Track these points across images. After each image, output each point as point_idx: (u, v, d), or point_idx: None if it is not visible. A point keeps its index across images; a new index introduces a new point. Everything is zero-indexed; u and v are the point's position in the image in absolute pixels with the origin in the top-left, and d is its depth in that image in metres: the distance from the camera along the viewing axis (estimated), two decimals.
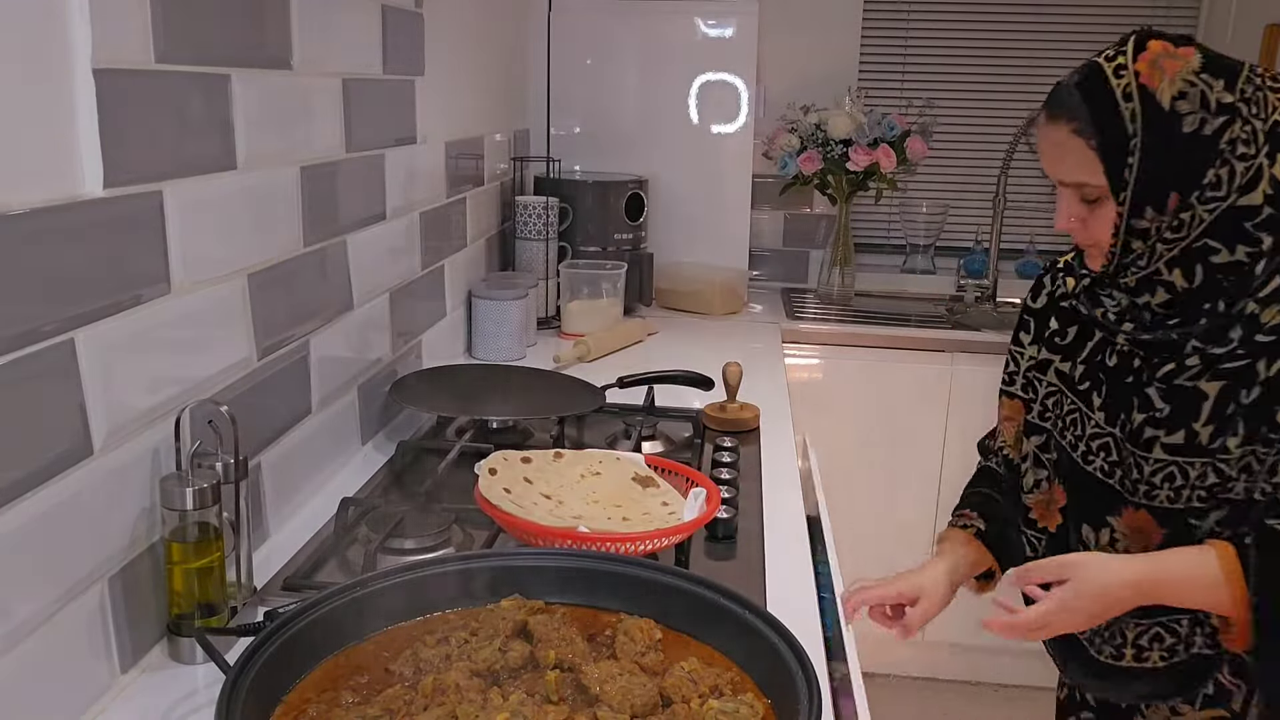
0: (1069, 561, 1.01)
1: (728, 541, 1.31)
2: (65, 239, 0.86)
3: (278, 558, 1.23)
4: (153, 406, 1.00)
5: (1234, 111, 0.99)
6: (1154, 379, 1.05)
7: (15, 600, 0.82)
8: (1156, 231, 1.01)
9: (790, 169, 2.74)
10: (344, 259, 1.46)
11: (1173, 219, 1.01)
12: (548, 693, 0.84)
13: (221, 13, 1.10)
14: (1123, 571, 1.00)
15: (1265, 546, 0.97)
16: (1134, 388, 1.07)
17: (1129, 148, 1.00)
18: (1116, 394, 1.09)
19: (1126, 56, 1.05)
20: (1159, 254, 1.03)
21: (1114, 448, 1.09)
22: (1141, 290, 1.06)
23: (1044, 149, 1.07)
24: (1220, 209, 1.00)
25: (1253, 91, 1.00)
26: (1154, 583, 1.00)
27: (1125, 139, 1.00)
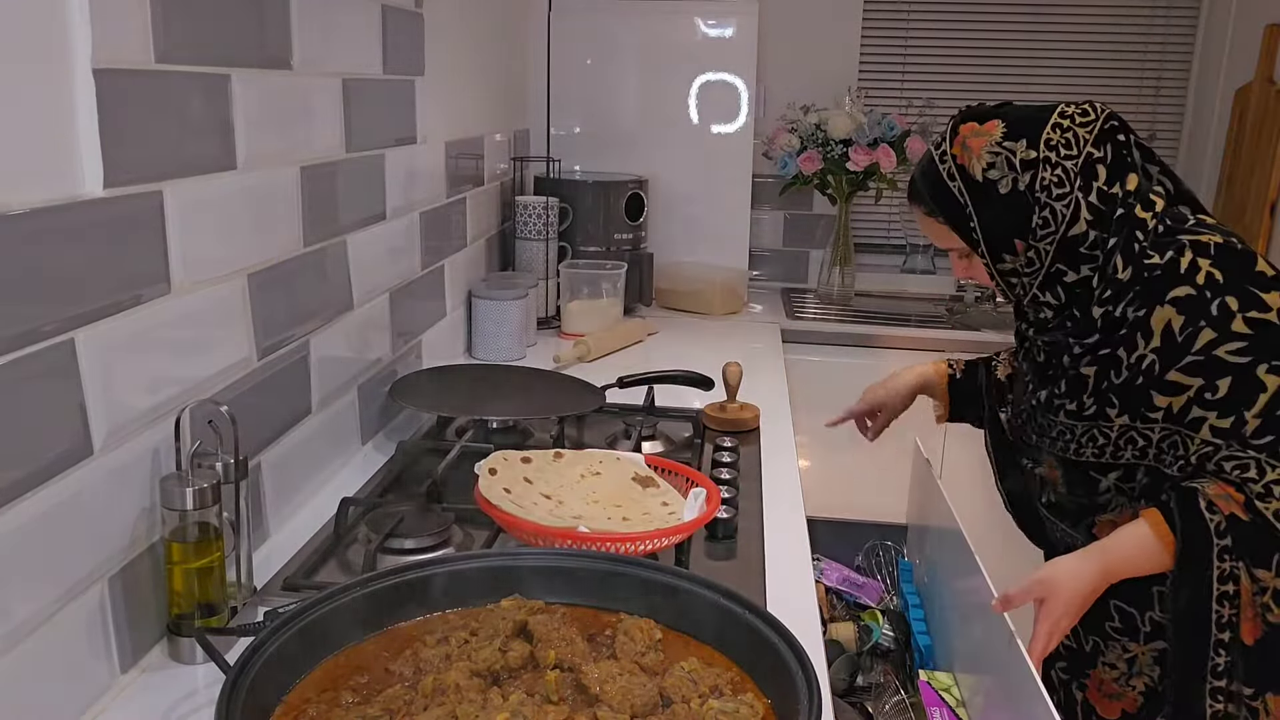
0: (1042, 579, 1.15)
1: (728, 541, 1.31)
2: (65, 239, 0.86)
3: (278, 558, 1.23)
4: (153, 406, 1.00)
5: (1037, 164, 1.20)
6: (1058, 367, 1.28)
7: (15, 600, 0.82)
8: (1017, 270, 1.25)
9: (790, 169, 2.74)
10: (344, 259, 1.46)
11: (1024, 258, 1.24)
12: (548, 693, 0.84)
13: (221, 13, 1.10)
14: (1086, 572, 1.15)
15: (1182, 502, 1.13)
16: (1046, 372, 1.32)
17: (966, 215, 1.24)
18: (1038, 377, 1.34)
19: (946, 143, 1.26)
20: (1027, 285, 1.26)
21: (1036, 413, 1.32)
22: (1034, 309, 1.29)
23: (919, 226, 1.34)
24: (1055, 241, 1.21)
25: (1059, 136, 1.20)
26: (1111, 570, 1.16)
27: (961, 210, 1.24)
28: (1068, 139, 1.20)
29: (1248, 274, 1.16)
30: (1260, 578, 1.11)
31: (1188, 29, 2.94)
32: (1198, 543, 1.12)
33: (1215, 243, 1.19)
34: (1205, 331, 1.14)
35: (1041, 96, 2.97)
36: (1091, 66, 2.96)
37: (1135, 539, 1.16)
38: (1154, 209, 1.22)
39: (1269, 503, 1.10)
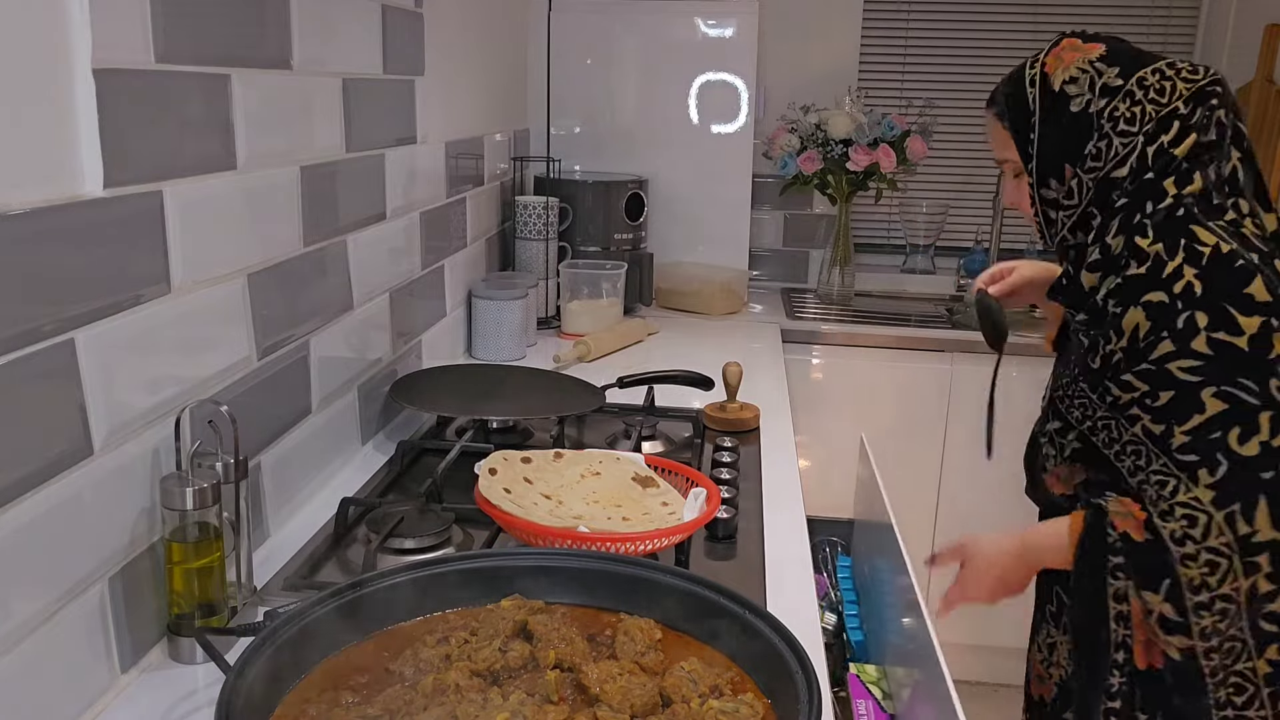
0: (965, 545, 1.25)
1: (728, 541, 1.31)
2: (65, 239, 0.86)
3: (278, 558, 1.23)
4: (153, 406, 1.00)
5: (1118, 93, 1.16)
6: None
7: (15, 600, 0.82)
8: (1058, 201, 1.22)
9: (790, 169, 2.74)
10: (344, 259, 1.46)
11: (1067, 187, 1.21)
12: (548, 693, 0.84)
13: (221, 13, 1.10)
14: (1004, 549, 1.22)
15: (1091, 513, 1.15)
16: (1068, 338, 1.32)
17: (1030, 124, 1.22)
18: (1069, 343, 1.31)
19: (1044, 51, 1.25)
20: (1062, 222, 1.23)
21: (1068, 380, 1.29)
22: (1062, 254, 1.26)
23: (987, 131, 1.32)
24: (1098, 177, 1.17)
25: (1157, 80, 1.15)
26: (1029, 554, 1.21)
27: (1027, 117, 1.22)
28: (1163, 86, 1.15)
29: (1233, 292, 1.08)
30: (1148, 600, 1.08)
31: (1188, 29, 2.94)
32: (1093, 556, 1.13)
33: (1215, 249, 1.09)
34: (1165, 343, 1.10)
35: None
36: None
37: (1054, 533, 1.18)
38: (1187, 186, 1.13)
39: (1168, 523, 1.07)
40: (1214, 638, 1.07)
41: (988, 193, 3.03)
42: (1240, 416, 1.06)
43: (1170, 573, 1.07)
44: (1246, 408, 1.06)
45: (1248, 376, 1.06)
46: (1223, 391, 1.06)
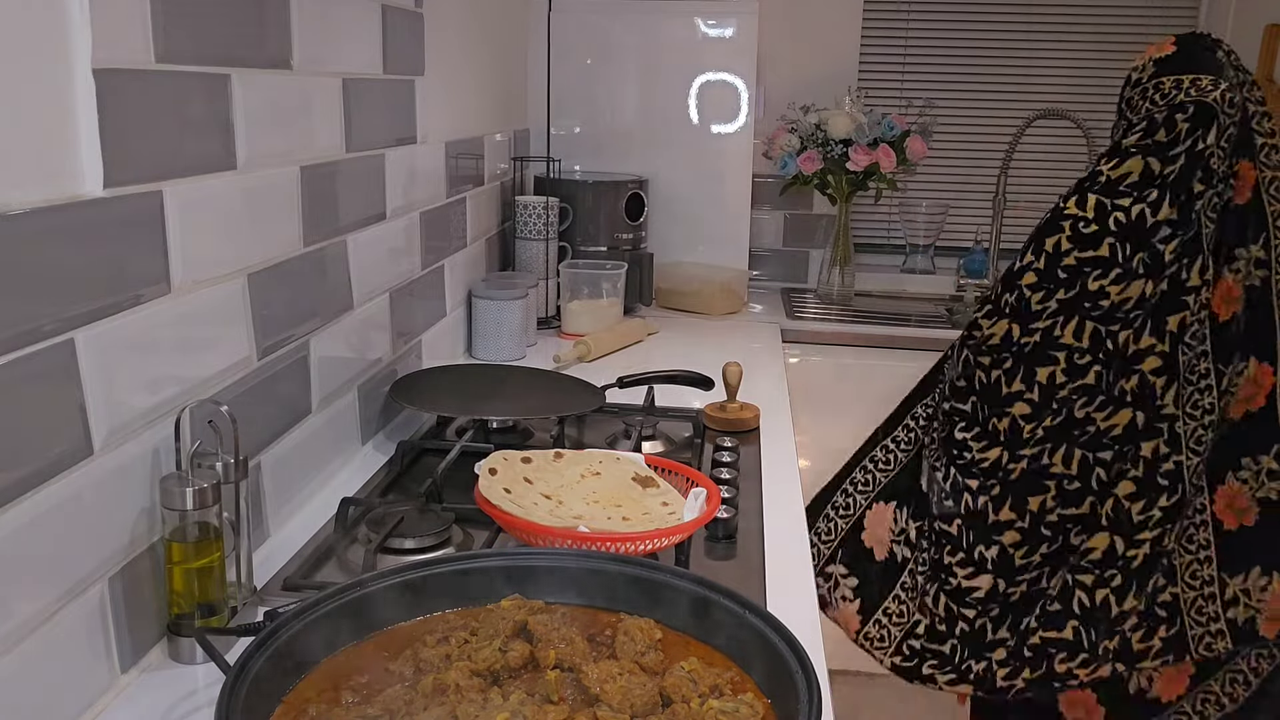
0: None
1: (728, 541, 1.31)
2: (65, 239, 0.86)
3: (278, 558, 1.23)
4: (153, 406, 1.00)
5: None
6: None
7: (15, 600, 0.82)
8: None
9: (790, 169, 2.74)
10: (344, 259, 1.46)
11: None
12: (548, 693, 0.84)
13: (221, 13, 1.10)
14: None
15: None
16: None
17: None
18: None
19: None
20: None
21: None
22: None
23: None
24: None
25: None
26: None
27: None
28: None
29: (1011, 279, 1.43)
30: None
31: (1187, 29, 2.94)
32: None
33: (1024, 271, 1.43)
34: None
35: (1041, 97, 2.98)
36: (1091, 66, 2.96)
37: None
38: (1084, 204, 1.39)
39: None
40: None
41: (988, 193, 3.04)
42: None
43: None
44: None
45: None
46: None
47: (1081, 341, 1.42)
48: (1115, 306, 1.40)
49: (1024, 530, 1.46)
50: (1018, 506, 1.46)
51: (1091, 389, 1.42)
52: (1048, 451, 1.44)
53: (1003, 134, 3.00)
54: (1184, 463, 1.40)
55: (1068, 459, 1.43)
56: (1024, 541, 1.46)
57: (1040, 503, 1.45)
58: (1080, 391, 1.42)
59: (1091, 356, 1.41)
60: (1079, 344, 1.42)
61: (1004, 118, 3.02)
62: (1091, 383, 1.42)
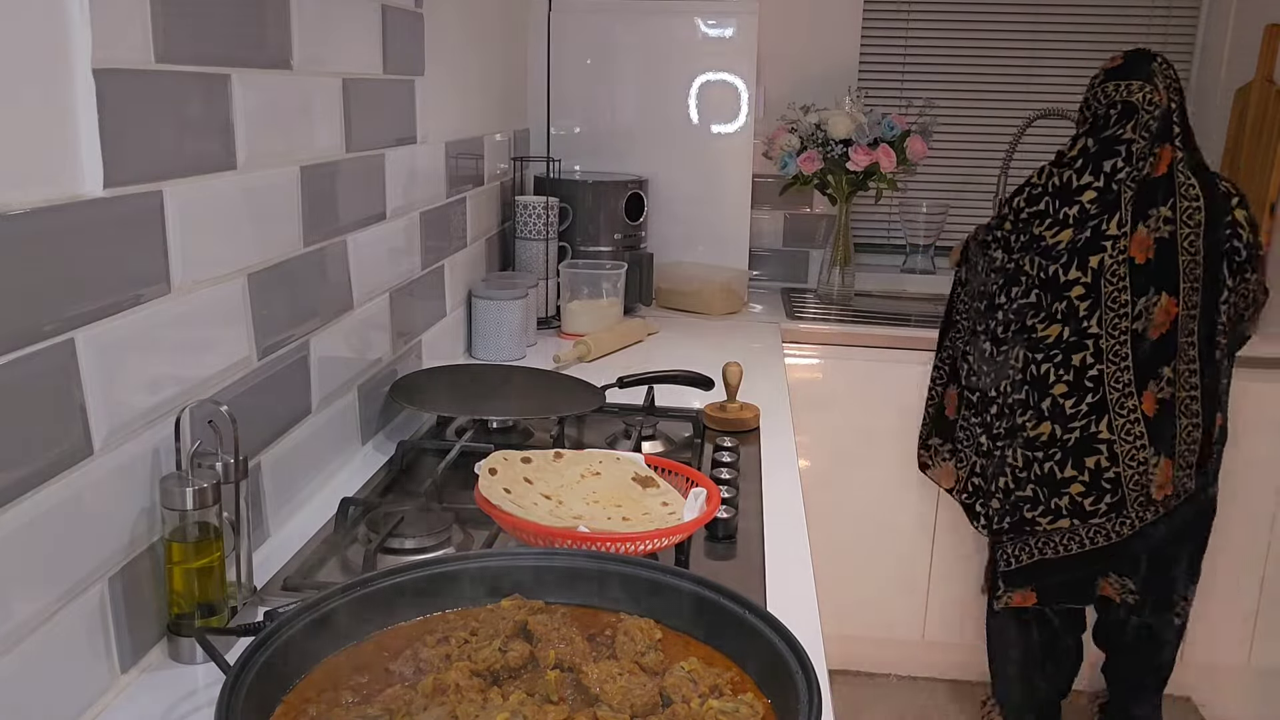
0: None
1: (728, 541, 1.31)
2: (65, 239, 0.86)
3: (278, 558, 1.23)
4: (153, 406, 1.00)
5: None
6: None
7: (15, 600, 0.82)
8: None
9: (790, 169, 2.74)
10: (344, 259, 1.46)
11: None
12: (548, 693, 0.84)
13: (221, 13, 1.10)
14: None
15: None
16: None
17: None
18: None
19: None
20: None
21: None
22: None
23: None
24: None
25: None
26: None
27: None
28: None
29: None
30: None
31: (1188, 29, 2.94)
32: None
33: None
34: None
35: (1042, 97, 2.98)
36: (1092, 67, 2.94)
37: None
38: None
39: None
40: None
41: (988, 192, 3.04)
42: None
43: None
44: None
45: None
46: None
47: (1032, 271, 2.01)
48: (1050, 247, 1.97)
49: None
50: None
51: (1035, 306, 2.01)
52: (1009, 352, 2.06)
53: (1003, 134, 3.00)
54: (1105, 370, 1.97)
55: (1017, 356, 2.05)
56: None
57: (1003, 388, 2.10)
58: (1028, 307, 2.02)
59: (1035, 283, 2.00)
60: (1030, 272, 2.01)
61: (1004, 118, 3.02)
62: (1033, 301, 2.01)
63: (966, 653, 2.69)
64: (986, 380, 2.10)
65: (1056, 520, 2.05)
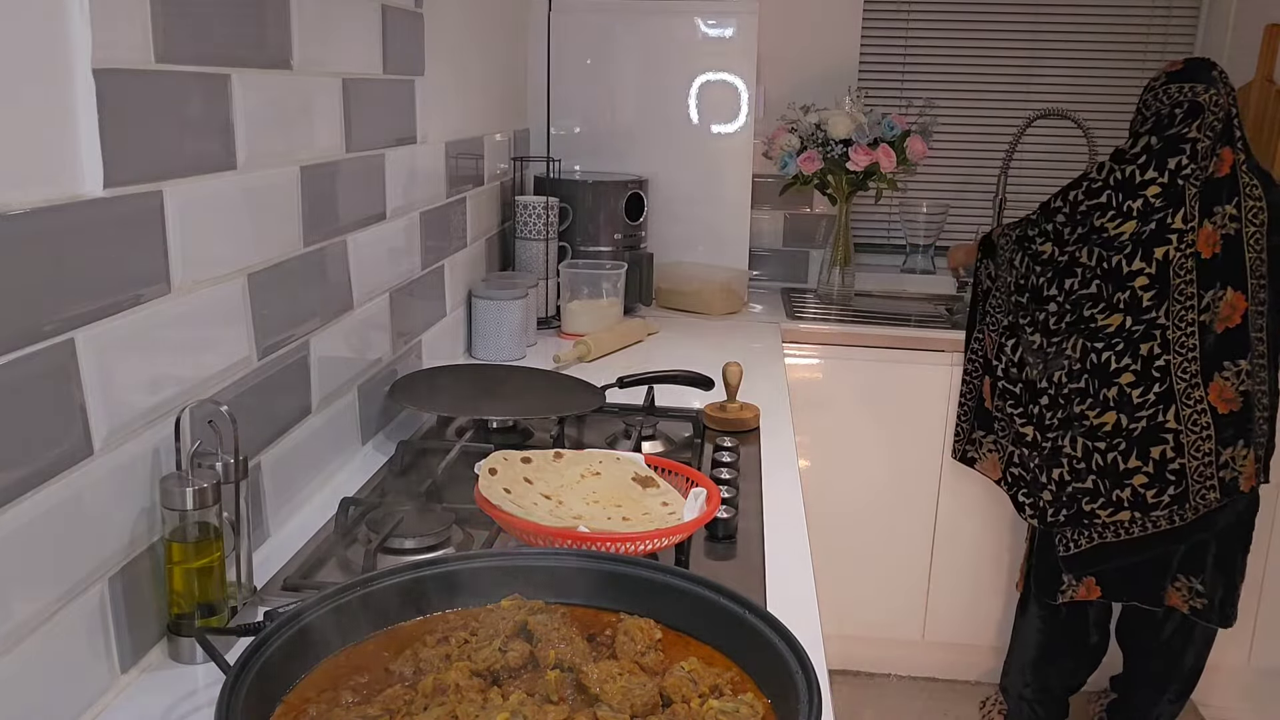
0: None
1: (728, 541, 1.31)
2: (65, 239, 0.86)
3: (278, 558, 1.23)
4: (153, 406, 1.00)
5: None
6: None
7: (15, 600, 0.82)
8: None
9: (790, 169, 2.74)
10: (344, 259, 1.46)
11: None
12: (548, 693, 0.84)
13: (221, 13, 1.10)
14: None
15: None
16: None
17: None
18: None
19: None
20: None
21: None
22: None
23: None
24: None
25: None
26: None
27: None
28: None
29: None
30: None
31: (1188, 29, 2.94)
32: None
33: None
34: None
35: (1042, 96, 2.98)
36: (1092, 66, 2.96)
37: None
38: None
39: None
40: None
41: (988, 192, 3.04)
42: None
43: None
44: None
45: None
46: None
47: (1090, 262, 2.00)
48: (1113, 238, 1.98)
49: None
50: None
51: (1094, 296, 2.01)
52: (1062, 342, 2.06)
53: (1003, 134, 3.00)
54: (1171, 360, 1.97)
55: (1074, 346, 2.04)
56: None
57: (1057, 378, 2.08)
58: (1086, 298, 2.02)
59: (1095, 273, 2.00)
60: (1088, 263, 2.00)
61: (1004, 118, 3.02)
62: (1093, 292, 2.01)
63: (966, 653, 2.69)
64: (1035, 371, 2.10)
65: (1117, 512, 2.03)
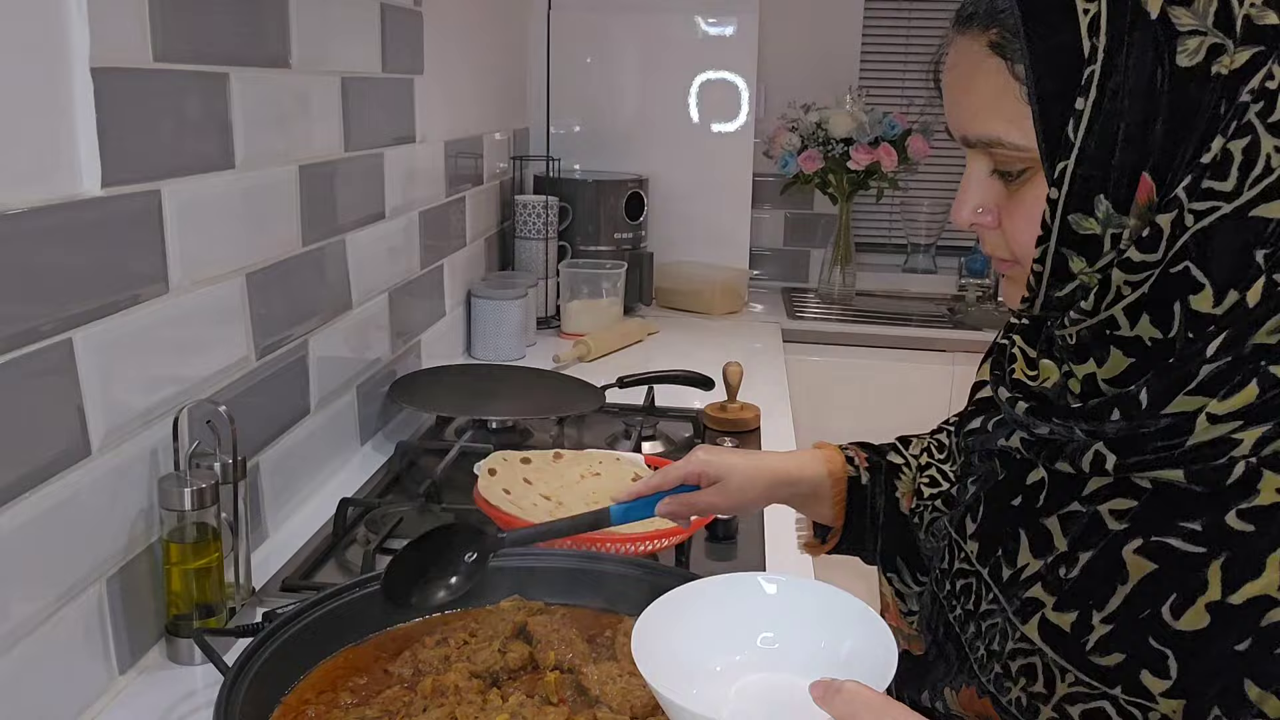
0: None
1: (728, 541, 1.30)
2: (63, 238, 0.86)
3: (276, 558, 1.22)
4: (151, 406, 1.00)
5: (1277, 43, 0.56)
6: (1055, 509, 0.68)
7: (14, 600, 0.82)
8: (1114, 242, 0.60)
9: (791, 168, 2.74)
10: (343, 258, 1.46)
11: (1143, 222, 0.59)
12: (547, 694, 0.84)
13: (220, 12, 1.10)
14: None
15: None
16: (1022, 517, 0.70)
17: (1080, 81, 0.58)
18: (996, 521, 0.73)
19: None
20: (1116, 290, 0.61)
21: (977, 593, 0.73)
22: (1088, 351, 0.65)
23: (948, 82, 0.71)
24: (1222, 214, 0.57)
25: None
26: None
27: (1075, 64, 0.59)
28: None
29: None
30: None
31: None
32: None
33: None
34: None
35: None
36: None
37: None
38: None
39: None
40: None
41: None
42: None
43: None
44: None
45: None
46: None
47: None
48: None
49: None
50: None
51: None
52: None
53: None
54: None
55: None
56: None
57: None
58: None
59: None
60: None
61: None
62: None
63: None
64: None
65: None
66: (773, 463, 0.95)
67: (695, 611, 0.70)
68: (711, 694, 0.66)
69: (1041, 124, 0.60)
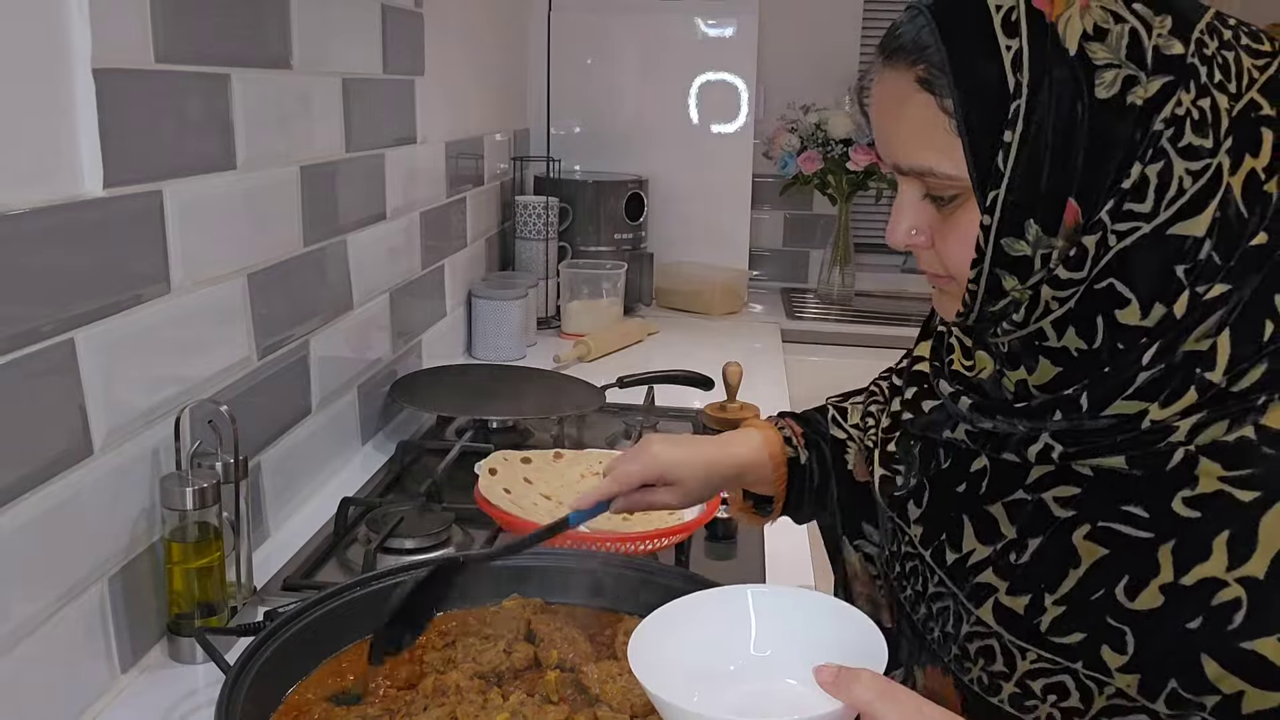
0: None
1: (728, 541, 1.31)
2: (65, 239, 0.86)
3: (278, 558, 1.23)
4: (152, 406, 1.00)
5: (1184, 72, 0.61)
6: (999, 496, 0.72)
7: (15, 600, 0.82)
8: (1044, 262, 0.64)
9: (790, 169, 2.74)
10: (344, 259, 1.46)
11: (1070, 244, 0.63)
12: (548, 693, 0.84)
13: (221, 12, 1.10)
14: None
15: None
16: (966, 504, 0.74)
17: (1006, 115, 0.62)
18: (940, 506, 0.77)
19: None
20: (1045, 305, 0.65)
21: (924, 576, 0.77)
22: (1019, 359, 0.69)
23: (876, 112, 0.73)
24: (1142, 234, 0.62)
25: (1217, 48, 0.63)
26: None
27: (1001, 99, 0.62)
28: (1229, 60, 0.63)
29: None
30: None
31: None
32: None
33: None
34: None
35: None
36: None
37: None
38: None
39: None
40: None
41: None
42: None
43: None
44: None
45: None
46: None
47: None
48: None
49: None
50: None
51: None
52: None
53: None
54: None
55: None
56: None
57: None
58: None
59: None
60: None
61: None
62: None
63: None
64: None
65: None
66: (720, 458, 0.99)
67: (688, 625, 0.71)
68: (710, 699, 0.67)
69: (972, 156, 0.64)
